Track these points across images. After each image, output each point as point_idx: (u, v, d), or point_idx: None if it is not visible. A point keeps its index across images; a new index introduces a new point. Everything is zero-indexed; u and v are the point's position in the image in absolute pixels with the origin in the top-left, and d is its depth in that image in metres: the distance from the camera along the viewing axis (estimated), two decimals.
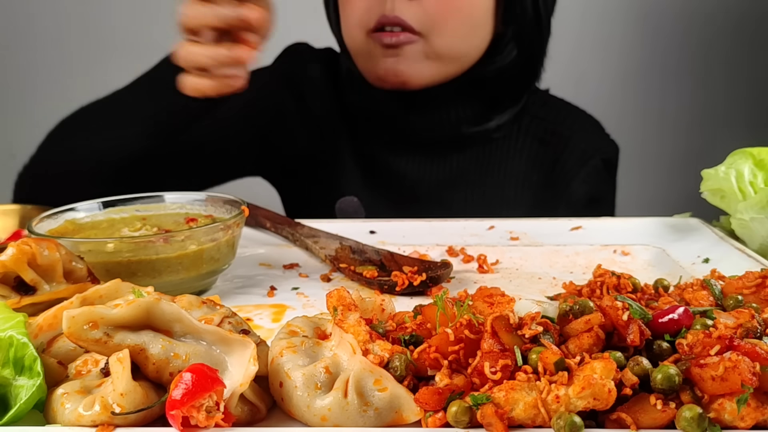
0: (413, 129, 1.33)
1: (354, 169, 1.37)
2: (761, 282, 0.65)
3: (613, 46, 2.42)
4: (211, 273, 0.84)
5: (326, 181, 1.39)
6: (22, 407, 0.50)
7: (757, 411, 0.48)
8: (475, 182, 1.35)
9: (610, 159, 1.43)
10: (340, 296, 0.59)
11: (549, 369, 0.50)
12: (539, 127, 1.39)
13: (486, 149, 1.36)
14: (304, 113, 1.40)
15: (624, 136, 2.45)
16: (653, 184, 2.49)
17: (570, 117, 1.44)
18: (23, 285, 0.67)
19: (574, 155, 1.38)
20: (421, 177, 1.35)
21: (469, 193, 1.34)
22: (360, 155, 1.38)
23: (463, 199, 1.34)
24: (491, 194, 1.35)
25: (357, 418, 0.51)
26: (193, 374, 0.48)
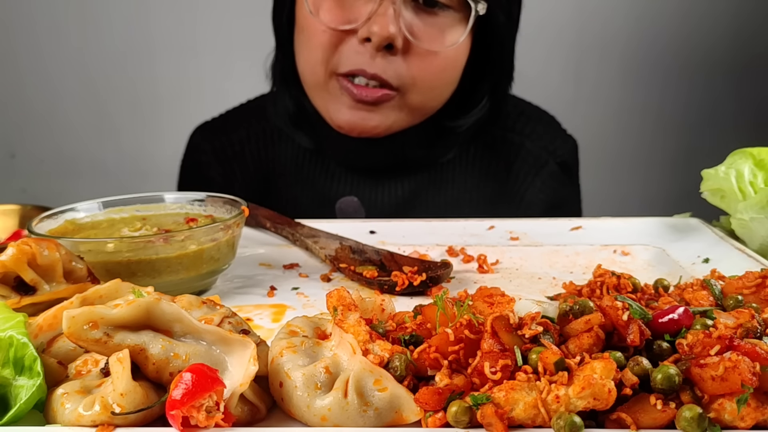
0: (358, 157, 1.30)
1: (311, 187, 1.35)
2: (761, 282, 0.65)
3: (612, 46, 2.42)
4: (211, 273, 0.84)
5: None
6: (22, 407, 0.50)
7: (757, 411, 0.48)
8: (428, 203, 1.31)
9: (566, 161, 1.38)
10: (340, 296, 0.59)
11: (549, 369, 0.50)
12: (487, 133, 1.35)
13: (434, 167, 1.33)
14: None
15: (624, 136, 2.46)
16: (653, 184, 2.49)
17: (520, 119, 1.39)
18: (23, 285, 0.67)
19: (527, 163, 1.34)
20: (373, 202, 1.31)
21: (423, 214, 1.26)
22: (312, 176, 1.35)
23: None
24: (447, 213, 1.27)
25: (357, 418, 0.51)
26: (193, 374, 0.48)
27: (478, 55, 1.24)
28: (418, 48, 1.13)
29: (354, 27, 1.12)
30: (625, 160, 2.47)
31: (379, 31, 1.09)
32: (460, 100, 1.27)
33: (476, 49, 1.23)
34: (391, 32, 1.09)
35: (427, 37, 1.14)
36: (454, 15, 1.16)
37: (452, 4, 1.14)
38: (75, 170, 2.49)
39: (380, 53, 1.12)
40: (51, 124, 2.47)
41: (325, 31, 1.14)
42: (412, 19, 1.13)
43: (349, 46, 1.14)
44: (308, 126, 1.30)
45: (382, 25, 1.09)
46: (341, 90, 1.17)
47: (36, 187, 2.45)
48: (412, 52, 1.14)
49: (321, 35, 1.15)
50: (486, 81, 1.28)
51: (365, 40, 1.11)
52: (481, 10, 1.14)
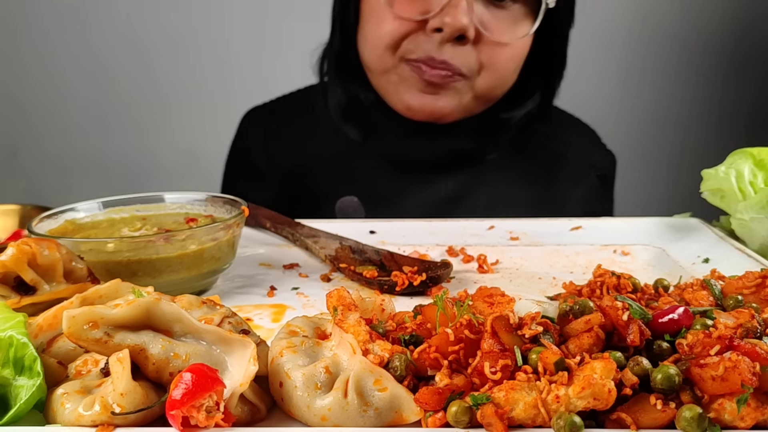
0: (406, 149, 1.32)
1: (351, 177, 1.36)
2: (761, 282, 0.65)
3: (612, 46, 2.42)
4: (212, 273, 0.84)
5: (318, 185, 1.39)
6: (22, 407, 0.50)
7: (757, 411, 0.48)
8: (468, 203, 1.33)
9: (606, 175, 1.41)
10: (340, 296, 0.59)
11: (549, 369, 0.50)
12: (528, 140, 1.37)
13: (477, 167, 1.34)
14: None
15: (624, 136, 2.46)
16: (653, 184, 2.49)
17: (563, 129, 1.42)
18: (23, 285, 0.67)
19: (569, 173, 1.36)
20: (407, 198, 1.32)
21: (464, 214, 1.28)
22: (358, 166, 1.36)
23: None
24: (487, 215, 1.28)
25: (357, 418, 0.51)
26: (193, 374, 0.48)
27: (534, 50, 1.26)
28: (487, 39, 1.16)
29: (426, 17, 1.14)
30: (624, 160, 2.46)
31: (452, 21, 1.12)
32: (513, 94, 1.30)
33: (533, 44, 1.26)
34: (464, 23, 1.12)
35: (497, 29, 1.17)
36: (522, 8, 1.19)
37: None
38: (75, 170, 2.50)
39: (450, 43, 1.15)
40: (52, 123, 2.47)
41: (396, 20, 1.17)
42: (482, 11, 1.16)
43: (419, 35, 1.17)
44: (358, 118, 1.33)
45: (455, 17, 1.12)
46: (411, 72, 1.20)
47: (36, 187, 2.45)
48: (482, 44, 1.17)
49: (392, 23, 1.18)
50: (539, 75, 1.31)
51: (436, 30, 1.14)
52: (551, 3, 1.18)
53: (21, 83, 2.44)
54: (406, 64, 1.20)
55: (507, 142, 1.34)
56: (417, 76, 1.19)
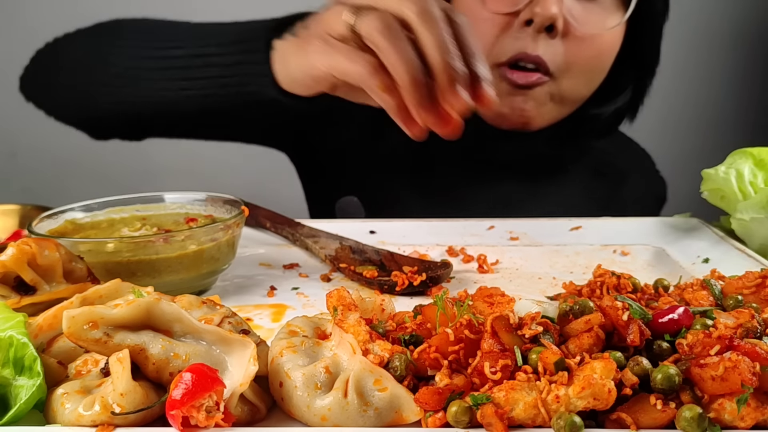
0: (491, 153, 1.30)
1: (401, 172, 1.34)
2: (761, 282, 0.65)
3: None
4: (211, 273, 0.84)
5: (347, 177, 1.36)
6: (22, 407, 0.50)
7: (757, 411, 0.48)
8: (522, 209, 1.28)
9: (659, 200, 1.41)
10: (340, 296, 0.59)
11: (549, 369, 0.50)
12: (596, 156, 1.36)
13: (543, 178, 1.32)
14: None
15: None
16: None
17: (626, 150, 1.40)
18: (23, 285, 0.67)
19: (632, 195, 1.35)
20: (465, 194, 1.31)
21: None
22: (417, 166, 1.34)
23: None
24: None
25: (357, 418, 0.51)
26: (193, 374, 0.48)
27: (627, 44, 1.24)
28: (576, 32, 1.14)
29: (517, 9, 1.13)
30: None
31: (542, 11, 1.10)
32: (604, 89, 1.27)
33: (626, 38, 1.23)
34: (554, 12, 1.10)
35: (587, 21, 1.15)
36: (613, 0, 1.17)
37: None
38: (75, 170, 2.49)
39: (541, 35, 1.13)
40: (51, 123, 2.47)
41: (486, 20, 1.15)
42: (572, 4, 1.14)
43: (510, 33, 1.15)
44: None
45: (545, 6, 1.10)
46: (500, 79, 1.18)
47: (38, 186, 2.45)
48: (571, 36, 1.15)
49: (483, 24, 1.16)
50: (631, 70, 1.28)
51: (526, 23, 1.12)
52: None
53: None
54: (495, 70, 1.17)
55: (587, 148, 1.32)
56: (506, 82, 1.17)
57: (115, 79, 1.12)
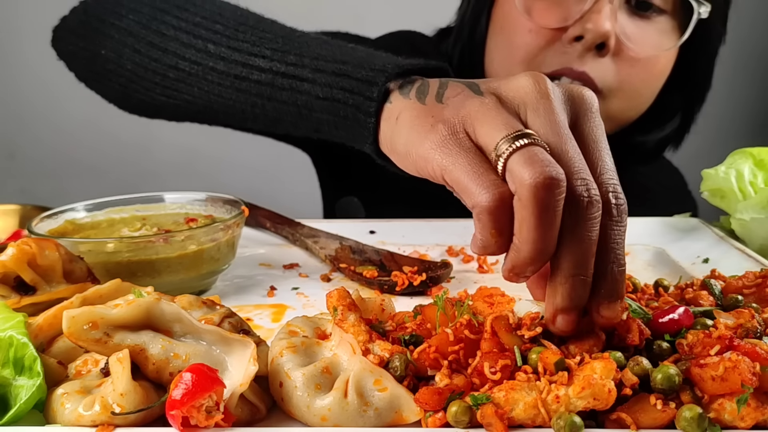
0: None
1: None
2: (761, 282, 0.65)
3: None
4: (211, 273, 0.84)
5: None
6: (22, 407, 0.50)
7: (757, 411, 0.48)
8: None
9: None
10: (340, 296, 0.59)
11: (549, 369, 0.50)
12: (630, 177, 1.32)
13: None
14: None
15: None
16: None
17: (658, 170, 1.34)
18: (23, 285, 0.67)
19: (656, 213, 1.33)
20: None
21: None
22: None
23: None
24: None
25: (357, 418, 0.51)
26: (193, 374, 0.48)
27: (679, 68, 1.18)
28: (629, 52, 1.08)
29: (567, 25, 1.06)
30: None
31: (594, 27, 1.03)
32: (652, 115, 1.21)
33: (679, 61, 1.17)
34: (607, 29, 1.03)
35: (640, 41, 1.08)
36: (668, 21, 1.10)
37: (667, 9, 1.10)
38: (75, 170, 2.49)
39: (590, 53, 1.07)
40: (51, 124, 2.47)
41: (531, 31, 1.09)
42: (625, 20, 1.08)
43: (555, 47, 1.08)
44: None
45: (598, 23, 1.03)
46: None
47: (36, 187, 2.45)
48: (622, 56, 1.08)
49: (526, 35, 1.09)
50: (682, 96, 1.22)
51: (575, 39, 1.06)
52: (704, 14, 1.08)
53: (18, 83, 2.44)
54: None
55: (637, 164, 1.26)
56: None
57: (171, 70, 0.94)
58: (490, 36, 1.17)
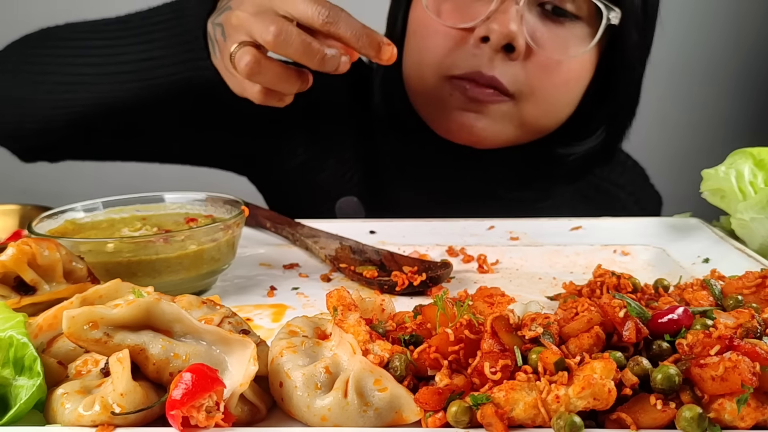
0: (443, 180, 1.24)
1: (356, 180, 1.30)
2: (761, 282, 0.65)
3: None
4: (211, 273, 0.84)
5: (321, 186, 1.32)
6: (22, 407, 0.50)
7: (757, 411, 0.48)
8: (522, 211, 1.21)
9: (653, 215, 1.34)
10: (340, 296, 0.59)
11: (549, 369, 0.50)
12: (585, 179, 1.28)
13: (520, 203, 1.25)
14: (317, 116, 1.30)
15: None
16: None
17: (616, 168, 1.32)
18: (23, 285, 0.67)
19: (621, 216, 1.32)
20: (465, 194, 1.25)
21: None
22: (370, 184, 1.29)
23: None
24: None
25: (357, 418, 0.51)
26: (193, 374, 0.48)
27: (600, 79, 1.16)
28: (540, 56, 1.07)
29: (472, 25, 1.06)
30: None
31: (499, 28, 1.02)
32: (573, 128, 1.20)
33: (599, 72, 1.16)
34: (512, 30, 1.02)
35: (551, 45, 1.07)
36: (583, 27, 1.09)
37: (582, 15, 1.08)
38: (75, 170, 2.49)
39: (499, 55, 1.06)
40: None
41: (439, 32, 1.09)
42: (536, 24, 1.07)
43: (465, 49, 1.08)
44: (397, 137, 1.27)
45: (503, 23, 1.03)
46: (451, 90, 1.11)
47: (36, 187, 2.45)
48: (533, 60, 1.07)
49: (435, 36, 1.10)
50: (605, 108, 1.20)
51: (482, 39, 1.06)
52: (614, 19, 1.07)
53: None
54: (447, 82, 1.11)
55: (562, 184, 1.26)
56: (459, 93, 1.10)
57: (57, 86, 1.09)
58: (406, 38, 1.19)
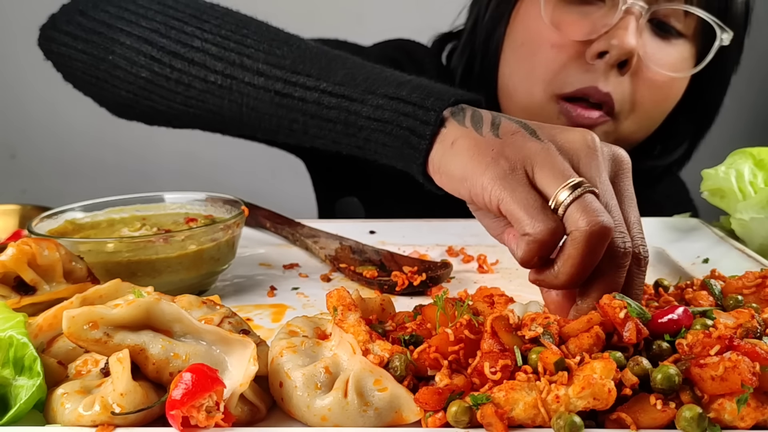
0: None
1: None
2: (761, 282, 0.65)
3: None
4: (211, 273, 0.84)
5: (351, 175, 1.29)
6: (22, 407, 0.50)
7: (757, 411, 0.48)
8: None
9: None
10: (340, 296, 0.59)
11: (549, 369, 0.50)
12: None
13: None
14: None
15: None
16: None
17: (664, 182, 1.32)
18: (23, 285, 0.67)
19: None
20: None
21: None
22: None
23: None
24: None
25: (357, 418, 0.51)
26: (193, 374, 0.48)
27: (690, 94, 1.16)
28: (647, 73, 1.06)
29: (591, 38, 1.03)
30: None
31: (620, 43, 1.00)
32: (661, 141, 1.20)
33: (692, 85, 1.15)
34: (632, 46, 1.01)
35: (660, 63, 1.06)
36: (687, 45, 1.09)
37: (687, 33, 1.08)
38: (75, 170, 2.49)
39: (613, 71, 1.04)
40: (51, 124, 2.47)
41: (555, 45, 1.06)
42: (647, 39, 1.06)
43: (578, 64, 1.06)
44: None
45: (623, 38, 1.00)
46: (558, 114, 1.07)
47: (36, 187, 2.45)
48: (640, 77, 1.06)
49: (550, 51, 1.06)
50: (693, 121, 1.20)
51: (599, 55, 1.03)
52: (726, 41, 1.07)
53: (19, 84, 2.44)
54: (555, 104, 1.08)
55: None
56: (565, 117, 1.07)
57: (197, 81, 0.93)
58: (505, 48, 1.14)
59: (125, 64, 0.97)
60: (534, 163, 0.63)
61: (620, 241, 0.60)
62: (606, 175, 0.64)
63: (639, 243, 0.63)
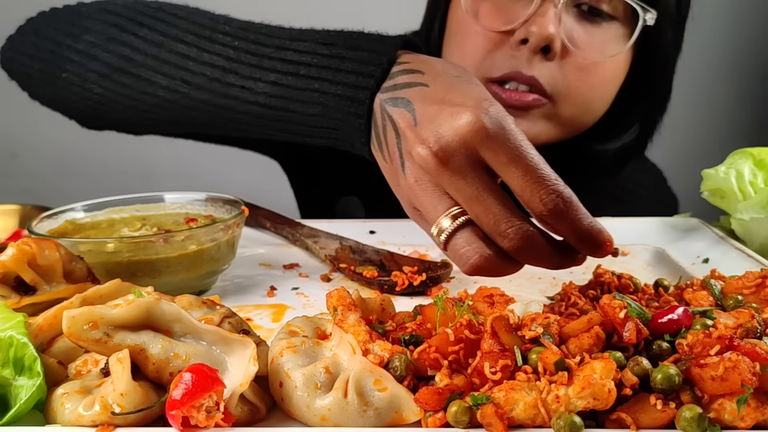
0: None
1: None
2: (761, 282, 0.65)
3: None
4: (211, 273, 0.84)
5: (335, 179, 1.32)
6: (22, 407, 0.50)
7: (757, 411, 0.48)
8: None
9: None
10: (340, 296, 0.59)
11: (549, 369, 0.50)
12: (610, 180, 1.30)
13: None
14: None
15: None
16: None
17: (637, 170, 1.34)
18: (23, 285, 0.67)
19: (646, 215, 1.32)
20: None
21: None
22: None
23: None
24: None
25: (357, 418, 0.51)
26: (193, 374, 0.48)
27: (635, 77, 1.18)
28: (576, 57, 1.08)
29: (512, 28, 1.06)
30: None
31: (538, 30, 1.03)
32: (609, 124, 1.21)
33: (634, 69, 1.17)
34: (550, 32, 1.03)
35: (587, 46, 1.08)
36: (619, 28, 1.10)
37: (617, 16, 1.09)
38: (75, 170, 2.49)
39: (537, 56, 1.07)
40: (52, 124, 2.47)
41: (478, 34, 1.10)
42: (572, 25, 1.08)
43: (504, 50, 1.09)
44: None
45: (541, 25, 1.03)
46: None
47: (37, 187, 2.45)
48: (569, 60, 1.08)
49: (475, 38, 1.10)
50: (639, 105, 1.23)
51: (521, 42, 1.06)
52: (650, 20, 1.08)
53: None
54: (487, 87, 1.08)
55: (598, 179, 1.27)
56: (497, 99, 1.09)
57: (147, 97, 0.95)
58: (445, 39, 1.19)
59: (78, 81, 0.99)
60: (414, 199, 0.72)
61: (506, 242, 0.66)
62: (474, 175, 0.66)
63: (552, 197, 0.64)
